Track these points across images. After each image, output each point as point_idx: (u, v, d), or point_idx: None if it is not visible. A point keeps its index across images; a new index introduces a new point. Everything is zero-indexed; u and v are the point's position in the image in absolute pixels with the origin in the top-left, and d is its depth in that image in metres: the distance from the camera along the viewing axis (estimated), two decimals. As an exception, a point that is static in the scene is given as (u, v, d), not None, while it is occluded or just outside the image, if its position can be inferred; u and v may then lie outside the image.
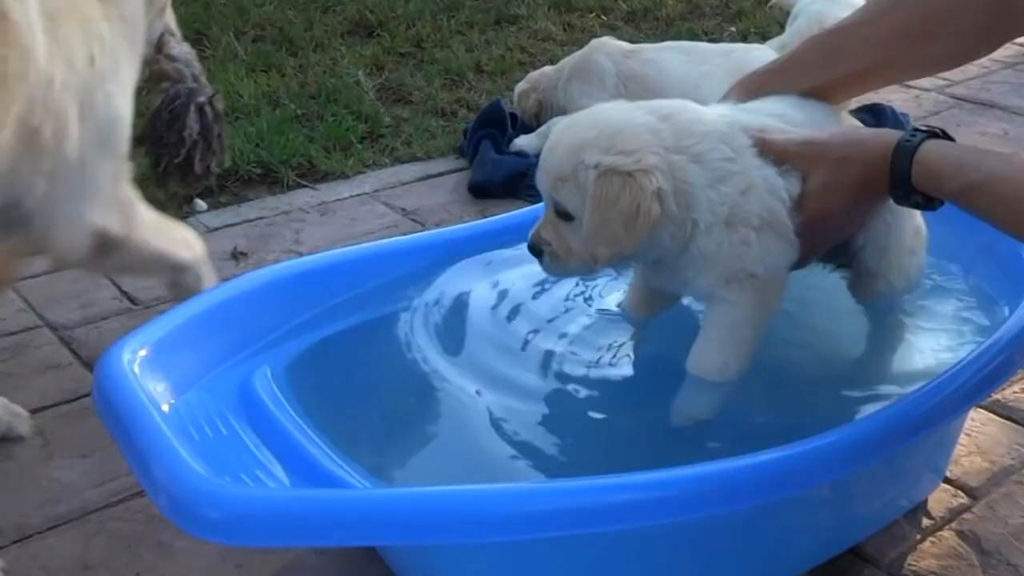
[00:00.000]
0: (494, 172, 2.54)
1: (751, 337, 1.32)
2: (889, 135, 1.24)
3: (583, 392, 1.38)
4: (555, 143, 1.30)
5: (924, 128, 1.24)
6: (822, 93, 1.42)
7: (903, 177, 1.21)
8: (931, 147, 1.20)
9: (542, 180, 1.31)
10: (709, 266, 1.29)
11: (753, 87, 1.45)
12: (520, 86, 2.87)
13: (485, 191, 2.52)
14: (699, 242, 1.27)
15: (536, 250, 1.32)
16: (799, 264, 1.33)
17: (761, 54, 2.66)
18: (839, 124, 1.42)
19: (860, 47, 1.40)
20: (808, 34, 2.77)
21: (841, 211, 1.29)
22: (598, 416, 1.37)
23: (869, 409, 1.23)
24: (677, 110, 1.31)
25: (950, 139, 1.25)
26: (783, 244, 1.29)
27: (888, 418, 1.20)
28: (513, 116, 2.81)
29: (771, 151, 1.29)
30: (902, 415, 1.21)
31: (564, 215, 1.29)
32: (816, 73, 1.43)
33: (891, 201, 1.28)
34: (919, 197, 1.23)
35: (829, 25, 1.55)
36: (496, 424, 1.32)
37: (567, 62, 2.80)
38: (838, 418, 1.20)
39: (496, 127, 2.73)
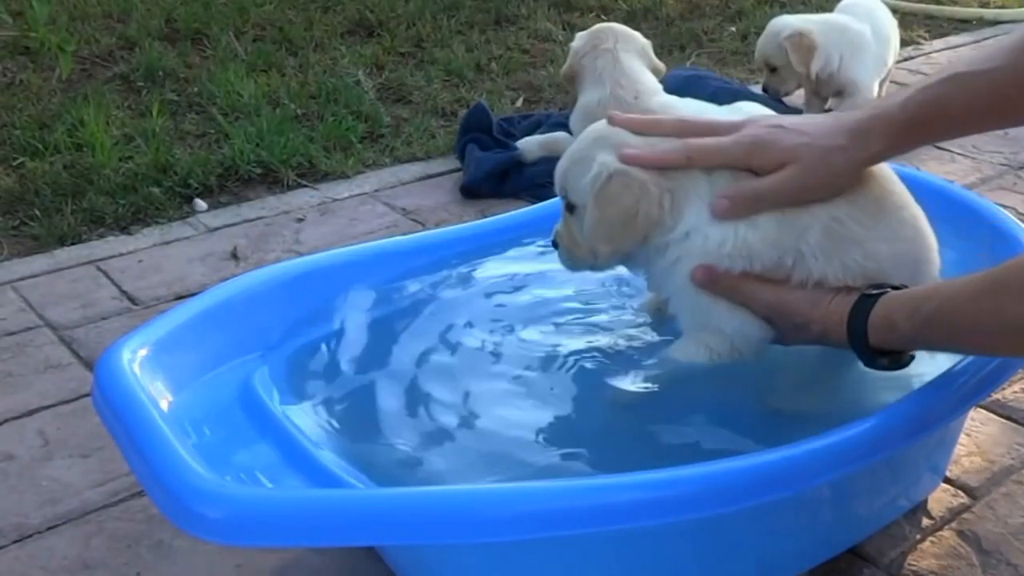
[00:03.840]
0: (477, 171, 2.53)
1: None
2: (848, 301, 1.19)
3: (585, 390, 1.38)
4: (580, 135, 1.35)
5: (889, 285, 1.20)
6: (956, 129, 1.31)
7: (861, 341, 1.17)
8: (887, 298, 1.17)
9: (557, 170, 1.35)
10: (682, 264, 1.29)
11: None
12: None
13: (474, 193, 2.51)
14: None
15: (554, 243, 1.39)
16: None
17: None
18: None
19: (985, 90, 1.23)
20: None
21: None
22: (600, 415, 1.37)
23: (869, 409, 1.22)
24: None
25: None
26: None
27: (888, 418, 1.20)
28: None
29: (737, 295, 1.26)
30: (902, 415, 1.21)
31: (570, 207, 1.33)
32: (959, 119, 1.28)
33: None
34: (884, 359, 1.19)
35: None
36: (498, 424, 1.32)
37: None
38: (837, 418, 1.20)
39: (480, 131, 2.71)
